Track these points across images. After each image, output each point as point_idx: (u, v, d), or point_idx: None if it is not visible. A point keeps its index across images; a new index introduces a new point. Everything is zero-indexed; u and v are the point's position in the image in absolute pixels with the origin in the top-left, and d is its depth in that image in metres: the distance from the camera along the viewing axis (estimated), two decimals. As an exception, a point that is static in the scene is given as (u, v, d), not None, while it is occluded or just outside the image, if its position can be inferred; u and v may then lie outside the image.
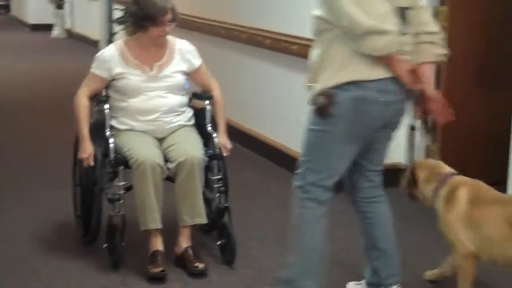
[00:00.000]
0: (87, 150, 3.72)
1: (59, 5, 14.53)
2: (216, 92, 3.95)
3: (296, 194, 3.08)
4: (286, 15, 5.48)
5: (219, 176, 3.77)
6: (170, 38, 3.86)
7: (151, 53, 3.80)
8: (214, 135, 3.83)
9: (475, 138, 5.01)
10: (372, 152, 3.12)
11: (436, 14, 4.81)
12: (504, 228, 3.05)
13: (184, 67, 3.85)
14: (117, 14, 10.46)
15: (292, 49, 5.21)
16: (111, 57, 3.79)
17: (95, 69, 3.83)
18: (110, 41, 12.53)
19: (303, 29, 4.78)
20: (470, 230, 3.12)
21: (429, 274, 3.54)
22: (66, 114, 7.47)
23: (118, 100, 3.82)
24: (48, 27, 14.76)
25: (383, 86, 2.89)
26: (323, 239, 3.08)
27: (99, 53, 3.87)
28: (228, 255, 3.74)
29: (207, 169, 3.78)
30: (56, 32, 14.69)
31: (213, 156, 3.74)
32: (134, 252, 3.77)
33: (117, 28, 10.14)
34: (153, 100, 3.76)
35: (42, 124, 7.12)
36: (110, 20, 12.68)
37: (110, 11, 12.68)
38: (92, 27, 13.35)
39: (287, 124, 5.48)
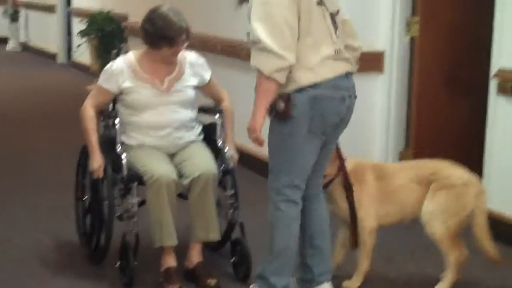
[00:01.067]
0: (98, 161, 3.67)
1: (14, 18, 14.29)
2: (226, 102, 3.93)
3: (270, 198, 3.19)
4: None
5: (232, 192, 3.75)
6: None
7: (161, 67, 3.75)
8: (226, 149, 3.81)
9: (446, 140, 5.24)
10: (322, 152, 3.23)
11: (408, 25, 5.04)
12: (416, 188, 3.49)
13: (195, 81, 3.82)
14: (79, 26, 10.36)
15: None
16: (121, 70, 3.72)
17: (103, 82, 3.76)
18: (69, 53, 12.41)
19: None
20: (384, 203, 3.48)
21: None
22: (28, 124, 7.52)
23: (128, 115, 3.77)
24: (2, 41, 14.50)
25: (336, 83, 3.06)
26: (296, 239, 3.23)
27: (108, 66, 3.79)
28: (242, 271, 3.72)
29: (219, 184, 3.76)
30: (11, 45, 14.43)
31: (226, 171, 3.73)
32: (146, 269, 3.73)
33: (81, 40, 10.03)
34: (165, 115, 3.72)
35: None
36: (69, 33, 12.56)
37: (68, 24, 12.55)
38: (49, 40, 13.16)
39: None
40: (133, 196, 3.64)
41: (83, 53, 10.13)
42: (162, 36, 3.62)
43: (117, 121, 3.77)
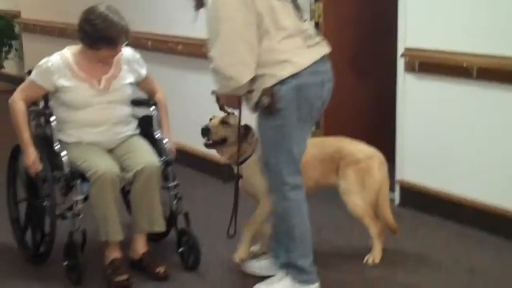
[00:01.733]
0: (32, 155, 3.64)
1: None
2: (160, 94, 3.96)
3: (275, 190, 3.30)
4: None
5: (175, 183, 3.83)
6: None
7: (98, 66, 3.74)
8: (165, 141, 3.87)
9: (354, 122, 5.54)
10: None
11: (311, 11, 5.29)
12: (317, 165, 3.72)
13: (132, 78, 3.84)
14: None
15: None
16: (57, 67, 3.69)
17: (36, 76, 3.70)
18: None
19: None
20: None
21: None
22: None
23: (63, 112, 3.75)
24: None
25: (315, 69, 3.18)
26: (308, 217, 3.36)
27: (43, 61, 3.72)
28: (191, 260, 3.80)
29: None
30: None
31: (167, 162, 3.79)
32: (91, 264, 3.73)
33: None
34: (102, 113, 3.75)
35: None
36: None
37: None
38: None
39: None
40: (77, 193, 3.65)
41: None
42: (102, 37, 3.59)
43: (52, 118, 3.75)
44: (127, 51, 3.85)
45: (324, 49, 3.28)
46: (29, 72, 3.81)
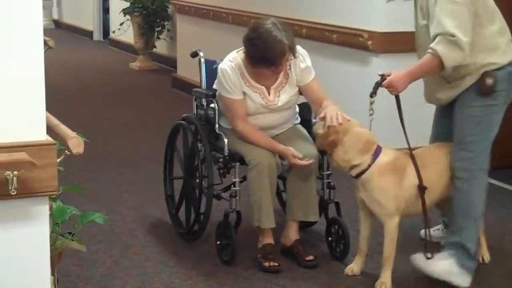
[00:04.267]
0: (290, 151, 3.60)
1: (47, -4, 14.31)
2: (323, 102, 3.70)
3: (464, 167, 3.46)
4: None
5: (328, 172, 3.83)
6: None
7: (266, 75, 3.68)
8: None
9: None
10: None
11: None
12: None
13: (299, 82, 3.76)
14: (118, 4, 10.45)
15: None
16: (237, 79, 3.67)
17: (231, 95, 3.68)
18: (105, 31, 12.48)
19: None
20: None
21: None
22: (80, 102, 7.64)
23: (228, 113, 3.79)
24: (35, 18, 14.52)
25: None
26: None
27: (223, 78, 3.68)
28: (340, 250, 3.80)
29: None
30: (44, 22, 14.44)
31: (322, 152, 3.76)
32: (242, 246, 3.80)
33: (121, 18, 10.14)
34: (270, 118, 3.76)
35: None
36: (104, 11, 12.64)
37: (104, 1, 12.62)
38: (83, 18, 13.22)
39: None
40: (235, 175, 3.71)
41: (126, 31, 10.19)
42: (261, 58, 3.54)
43: (212, 105, 3.82)
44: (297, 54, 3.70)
45: None
46: (212, 95, 3.81)
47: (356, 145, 3.40)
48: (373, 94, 3.45)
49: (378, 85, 3.45)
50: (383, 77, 3.46)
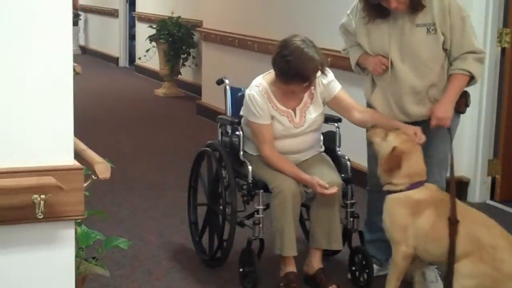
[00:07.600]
0: (315, 180, 3.59)
1: (74, 22, 14.51)
2: (358, 107, 3.78)
3: None
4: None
5: (353, 201, 3.82)
6: None
7: (292, 97, 3.71)
8: (346, 157, 3.88)
9: None
10: None
11: (499, 35, 5.20)
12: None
13: (325, 99, 3.78)
14: (144, 31, 10.55)
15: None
16: (265, 103, 3.68)
17: (259, 120, 3.68)
18: (131, 58, 12.60)
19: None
20: None
21: None
22: (105, 127, 7.69)
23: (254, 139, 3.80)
24: (62, 43, 14.71)
25: None
26: None
27: (251, 103, 3.68)
28: (363, 280, 3.78)
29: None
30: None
31: (347, 180, 3.78)
32: (265, 274, 3.77)
33: (147, 44, 10.25)
34: (295, 142, 3.75)
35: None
36: (130, 37, 12.78)
37: (130, 28, 12.76)
38: (109, 44, 13.37)
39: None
40: (259, 203, 3.72)
41: (152, 58, 10.29)
42: (295, 74, 3.54)
43: (237, 132, 3.83)
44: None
45: None
46: (238, 122, 3.85)
47: (407, 169, 3.43)
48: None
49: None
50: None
